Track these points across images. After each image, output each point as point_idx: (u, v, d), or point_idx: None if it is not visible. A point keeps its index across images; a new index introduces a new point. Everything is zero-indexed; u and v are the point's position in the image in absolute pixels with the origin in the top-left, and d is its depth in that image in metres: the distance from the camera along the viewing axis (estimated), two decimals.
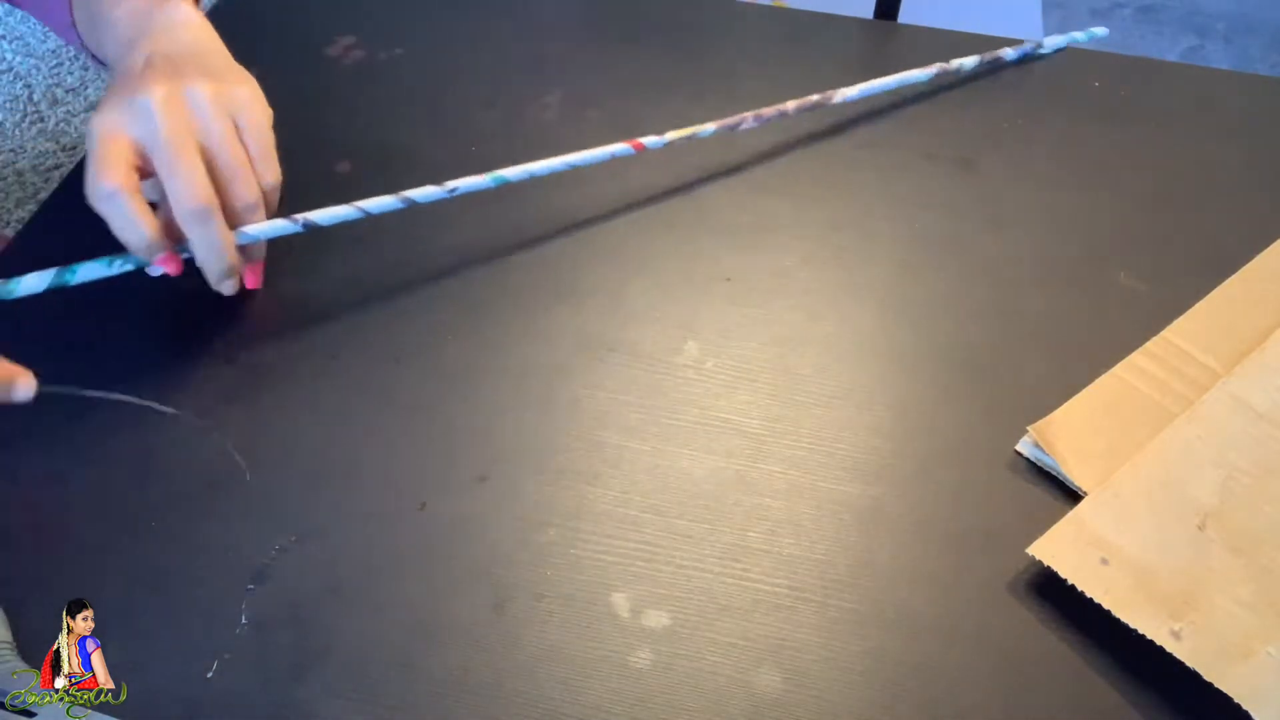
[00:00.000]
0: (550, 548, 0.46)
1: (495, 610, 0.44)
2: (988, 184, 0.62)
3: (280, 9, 0.74)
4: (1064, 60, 0.73)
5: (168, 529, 0.46)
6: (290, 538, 0.46)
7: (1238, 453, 0.47)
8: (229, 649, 0.43)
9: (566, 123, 0.66)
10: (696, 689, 0.42)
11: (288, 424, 0.50)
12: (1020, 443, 0.49)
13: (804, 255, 0.58)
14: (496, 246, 0.58)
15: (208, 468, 0.48)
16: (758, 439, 0.50)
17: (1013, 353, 0.53)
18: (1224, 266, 0.56)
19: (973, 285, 0.57)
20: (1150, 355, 0.51)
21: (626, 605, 0.44)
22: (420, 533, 0.46)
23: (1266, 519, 0.45)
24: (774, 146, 0.64)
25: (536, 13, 0.75)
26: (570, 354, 0.53)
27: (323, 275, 0.57)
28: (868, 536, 0.47)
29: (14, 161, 1.49)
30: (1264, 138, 0.66)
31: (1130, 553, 0.43)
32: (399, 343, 0.53)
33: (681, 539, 0.46)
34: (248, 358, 0.53)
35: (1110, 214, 0.61)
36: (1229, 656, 0.40)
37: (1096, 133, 0.66)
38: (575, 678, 0.42)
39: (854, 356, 0.53)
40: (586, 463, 0.49)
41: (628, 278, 0.57)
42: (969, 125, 0.66)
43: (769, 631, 0.44)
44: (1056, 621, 0.44)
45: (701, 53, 0.71)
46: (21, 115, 1.56)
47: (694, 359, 0.53)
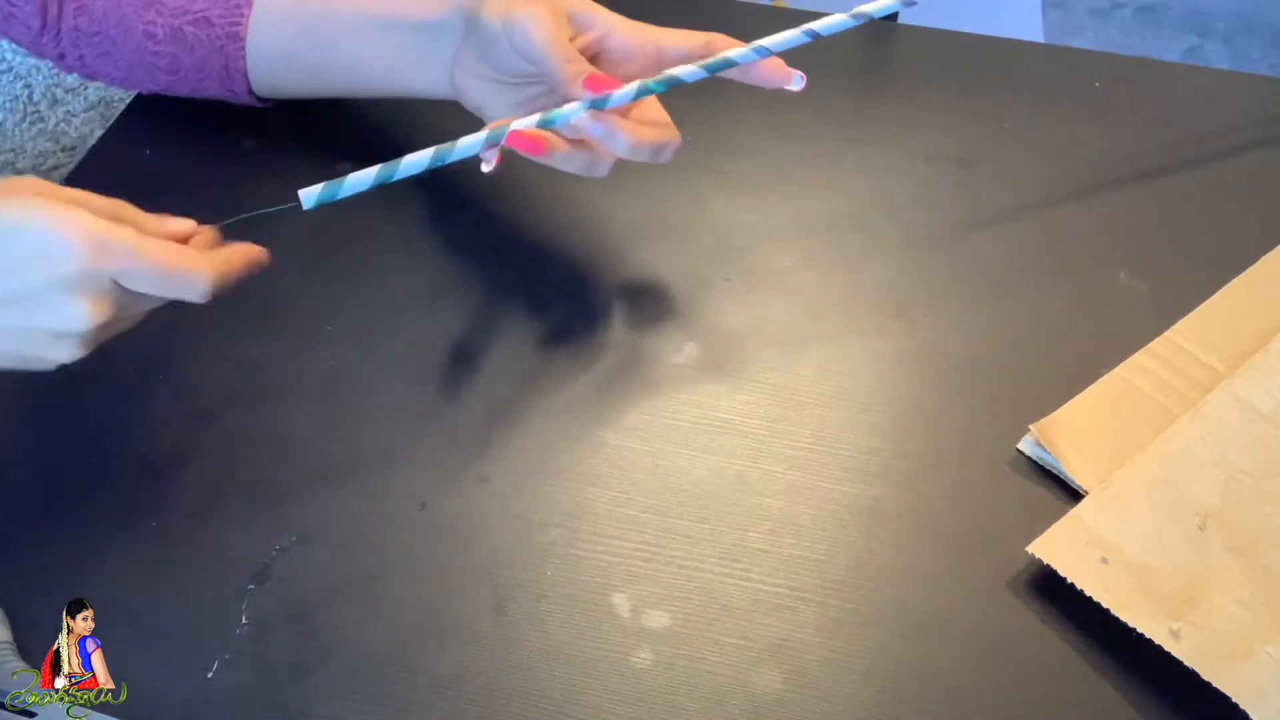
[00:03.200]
0: (550, 548, 0.46)
1: (495, 610, 0.44)
2: (988, 184, 0.62)
3: None
4: (1064, 60, 0.73)
5: (168, 529, 0.46)
6: (290, 538, 0.46)
7: (1239, 453, 0.47)
8: (229, 649, 0.43)
9: None
10: (696, 689, 0.42)
11: (288, 424, 0.50)
12: (1022, 441, 0.49)
13: (804, 255, 0.58)
14: (496, 247, 0.58)
15: (207, 467, 0.48)
16: (758, 439, 0.50)
17: (1013, 352, 0.53)
18: (1224, 267, 0.56)
19: (973, 285, 0.57)
20: (1153, 355, 0.51)
21: (627, 605, 0.44)
22: (420, 533, 0.46)
23: (1267, 519, 0.44)
24: (774, 146, 0.64)
25: None
26: (570, 354, 0.53)
27: (322, 274, 0.56)
28: (868, 536, 0.47)
29: (14, 161, 1.49)
30: (1264, 138, 0.65)
31: (1130, 552, 0.43)
32: (399, 343, 0.53)
33: (681, 539, 0.46)
34: (247, 358, 0.53)
35: (1110, 214, 0.61)
36: (1228, 656, 0.40)
37: (1096, 133, 0.66)
38: (575, 678, 0.42)
39: (854, 356, 0.53)
40: (586, 463, 0.49)
41: (628, 278, 0.57)
42: (969, 125, 0.66)
43: (769, 631, 0.44)
44: (1056, 621, 0.44)
45: None
46: (21, 115, 1.56)
47: (694, 359, 0.53)
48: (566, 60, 0.48)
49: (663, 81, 0.48)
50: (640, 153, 0.49)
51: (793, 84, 0.51)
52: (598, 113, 0.47)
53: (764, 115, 0.66)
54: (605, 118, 0.47)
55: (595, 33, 0.51)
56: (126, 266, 0.40)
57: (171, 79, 0.58)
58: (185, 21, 0.56)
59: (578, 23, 0.51)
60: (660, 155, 0.50)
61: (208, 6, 0.56)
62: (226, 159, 0.62)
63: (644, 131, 0.49)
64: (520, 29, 0.49)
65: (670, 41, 0.51)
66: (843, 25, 0.50)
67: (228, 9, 0.56)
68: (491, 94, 0.53)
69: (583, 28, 0.51)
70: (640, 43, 0.51)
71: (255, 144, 0.63)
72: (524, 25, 0.49)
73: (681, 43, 0.51)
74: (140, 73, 0.58)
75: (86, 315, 0.41)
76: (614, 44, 0.51)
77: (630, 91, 0.47)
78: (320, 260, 0.57)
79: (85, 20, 0.56)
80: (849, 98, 0.68)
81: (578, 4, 0.51)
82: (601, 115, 0.47)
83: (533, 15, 0.49)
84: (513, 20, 0.49)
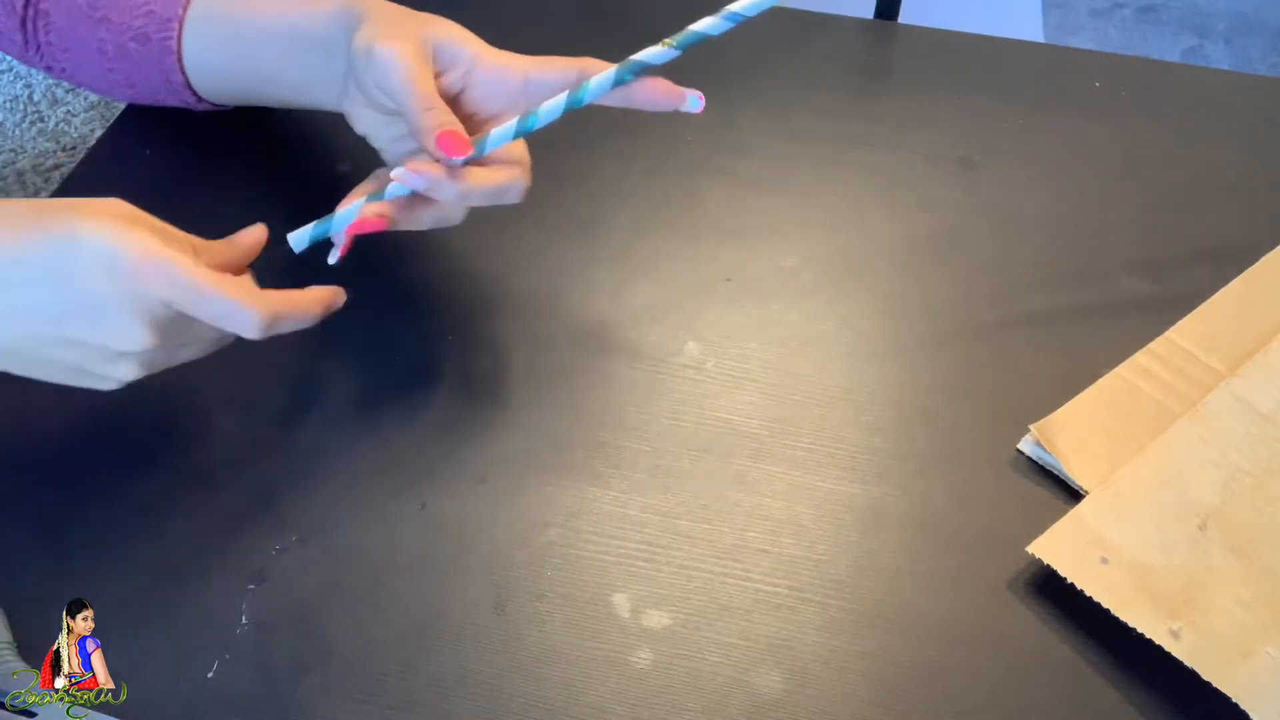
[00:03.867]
0: (550, 548, 0.46)
1: (495, 610, 0.44)
2: (988, 184, 0.62)
3: None
4: (1064, 60, 0.73)
5: (168, 529, 0.46)
6: (290, 538, 0.46)
7: (1240, 453, 0.47)
8: (229, 649, 0.43)
9: (566, 122, 0.66)
10: (696, 689, 0.42)
11: (288, 424, 0.50)
12: (1022, 441, 0.49)
13: (804, 255, 0.58)
14: (496, 247, 0.58)
15: (208, 467, 0.48)
16: (758, 439, 0.50)
17: (1013, 352, 0.53)
18: (1224, 267, 0.56)
19: (973, 285, 0.57)
20: (1154, 355, 0.51)
21: (627, 605, 0.44)
22: (420, 533, 0.46)
23: (1267, 520, 0.44)
24: (774, 146, 0.64)
25: (535, 13, 0.75)
26: (570, 354, 0.53)
27: (320, 275, 0.56)
28: (868, 536, 0.47)
29: (14, 161, 1.49)
30: (1264, 138, 0.65)
31: (1130, 552, 0.43)
32: (398, 343, 0.53)
33: (682, 539, 0.46)
34: (246, 357, 0.53)
35: (1110, 214, 0.61)
36: (1228, 656, 0.40)
37: (1096, 133, 0.66)
38: (575, 678, 0.42)
39: (854, 356, 0.53)
40: (586, 463, 0.49)
41: (628, 278, 0.57)
42: (969, 125, 0.66)
43: (769, 631, 0.44)
44: (1056, 621, 0.44)
45: (701, 53, 0.70)
46: (21, 115, 1.56)
47: (694, 359, 0.53)
48: (425, 108, 0.45)
49: (530, 121, 0.46)
50: (474, 198, 0.47)
51: (688, 105, 0.47)
52: (417, 165, 0.45)
53: (764, 115, 0.66)
54: (424, 170, 0.45)
55: (461, 69, 0.48)
56: (176, 292, 0.41)
57: (133, 92, 0.58)
58: (128, 39, 0.55)
59: (443, 58, 0.48)
60: (502, 198, 0.47)
61: (145, 23, 0.55)
62: (227, 159, 0.62)
63: (476, 176, 0.46)
64: (380, 65, 0.46)
65: (538, 72, 0.48)
66: (717, 28, 0.45)
67: (161, 25, 0.55)
68: (378, 124, 0.51)
69: (448, 63, 0.48)
70: (506, 77, 0.48)
71: (255, 143, 0.63)
72: (384, 61, 0.46)
73: (550, 73, 0.48)
74: (107, 86, 0.58)
75: (140, 335, 0.42)
76: (480, 78, 0.49)
77: (486, 142, 0.46)
78: (318, 260, 0.57)
79: (55, 36, 0.56)
80: (849, 98, 0.68)
81: (446, 35, 0.48)
82: (420, 168, 0.45)
83: (394, 52, 0.46)
84: (373, 53, 0.46)
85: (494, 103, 0.49)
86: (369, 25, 0.48)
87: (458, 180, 0.46)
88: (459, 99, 0.49)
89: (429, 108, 0.46)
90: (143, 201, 0.44)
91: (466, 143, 0.45)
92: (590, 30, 0.74)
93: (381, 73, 0.46)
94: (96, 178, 0.61)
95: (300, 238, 0.48)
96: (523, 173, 0.48)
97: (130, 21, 0.55)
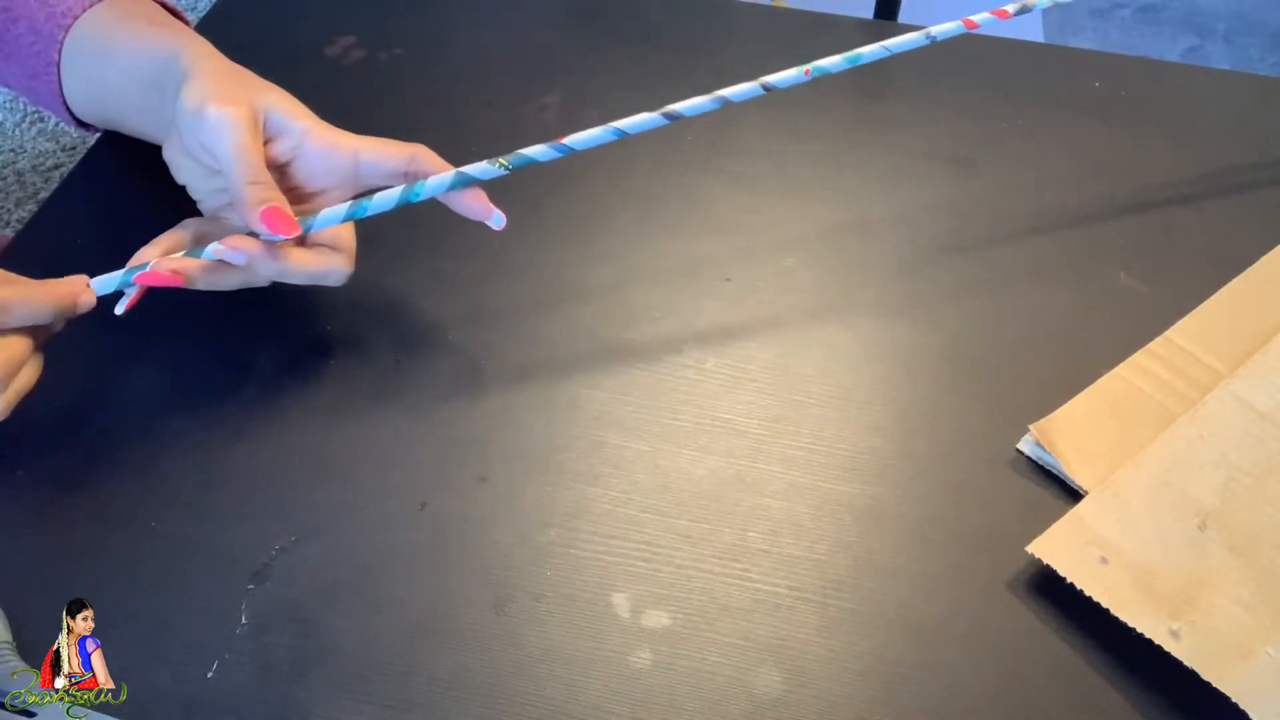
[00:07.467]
0: (550, 548, 0.46)
1: (495, 610, 0.44)
2: (988, 184, 0.62)
3: (280, 9, 0.74)
4: (1064, 60, 0.73)
5: (168, 529, 0.46)
6: (290, 538, 0.46)
7: (1239, 453, 0.47)
8: (229, 649, 0.43)
9: (566, 123, 0.66)
10: (696, 689, 0.42)
11: (288, 424, 0.50)
12: (1022, 441, 0.49)
13: (804, 255, 0.58)
14: (495, 247, 0.58)
15: (208, 467, 0.48)
16: (758, 439, 0.50)
17: (1013, 353, 0.53)
18: (1224, 267, 0.56)
19: (973, 285, 0.57)
20: (1153, 355, 0.51)
21: (626, 605, 0.44)
22: (420, 533, 0.46)
23: (1267, 519, 0.45)
24: (774, 146, 0.64)
25: (536, 13, 0.75)
26: (570, 354, 0.53)
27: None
28: (868, 536, 0.47)
29: (14, 161, 1.49)
30: (1264, 138, 0.66)
31: (1130, 552, 0.43)
32: (398, 343, 0.53)
33: (681, 539, 0.46)
34: (246, 358, 0.53)
35: (1110, 214, 0.61)
36: (1228, 656, 0.40)
37: (1096, 133, 0.66)
38: (575, 678, 0.42)
39: (854, 356, 0.53)
40: (586, 463, 0.49)
41: (628, 278, 0.57)
42: (969, 125, 0.66)
43: (769, 631, 0.44)
44: (1056, 621, 0.44)
45: (701, 53, 0.71)
46: (21, 115, 1.56)
47: (694, 359, 0.53)
48: (251, 180, 0.45)
49: (361, 207, 0.47)
50: (291, 278, 0.47)
51: (492, 222, 0.49)
52: (235, 241, 0.45)
53: (764, 115, 0.66)
54: (242, 247, 0.45)
55: (291, 140, 0.48)
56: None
57: (59, 119, 0.57)
58: (25, 83, 0.55)
59: (273, 126, 0.48)
60: (320, 281, 0.48)
61: (32, 76, 0.54)
62: None
63: (296, 258, 0.47)
64: (210, 127, 0.46)
65: (369, 154, 0.48)
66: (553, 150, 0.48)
67: (45, 67, 0.54)
68: (197, 176, 0.50)
69: (278, 131, 0.48)
70: (337, 153, 0.48)
71: None
72: (214, 125, 0.45)
73: (381, 155, 0.48)
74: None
75: None
76: (309, 151, 0.48)
77: (313, 222, 0.46)
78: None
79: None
80: (849, 98, 0.68)
81: (278, 104, 0.48)
82: (239, 245, 0.45)
83: (226, 116, 0.45)
84: (203, 115, 0.46)
85: (321, 178, 0.49)
86: (199, 82, 0.47)
87: (276, 259, 0.46)
88: (285, 169, 0.49)
89: (255, 181, 0.45)
90: (143, 201, 0.44)
91: (293, 222, 0.45)
92: (591, 30, 0.74)
93: (211, 135, 0.46)
94: (96, 178, 0.61)
95: (107, 282, 0.47)
96: (345, 260, 0.49)
97: (21, 69, 0.54)
